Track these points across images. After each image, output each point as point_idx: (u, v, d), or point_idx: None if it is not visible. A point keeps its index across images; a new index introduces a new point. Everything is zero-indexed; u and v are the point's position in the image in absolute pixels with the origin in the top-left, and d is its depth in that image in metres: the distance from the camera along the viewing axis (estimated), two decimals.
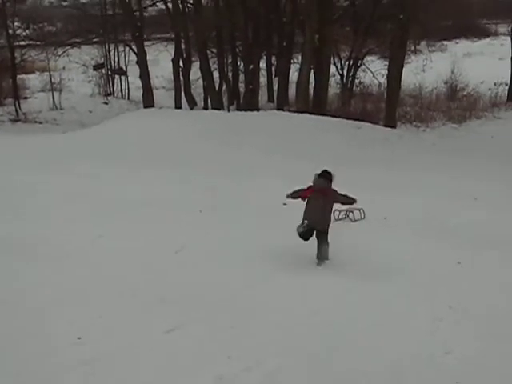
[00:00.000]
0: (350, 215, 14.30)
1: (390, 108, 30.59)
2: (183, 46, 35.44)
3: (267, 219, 13.41)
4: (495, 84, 40.79)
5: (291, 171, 19.46)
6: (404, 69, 31.85)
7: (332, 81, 35.52)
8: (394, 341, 7.98)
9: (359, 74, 36.40)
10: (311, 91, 30.83)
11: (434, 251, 11.36)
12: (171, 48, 36.17)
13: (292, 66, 36.41)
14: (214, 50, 36.30)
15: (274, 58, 39.36)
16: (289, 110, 30.53)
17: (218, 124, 25.42)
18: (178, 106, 34.16)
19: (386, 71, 32.04)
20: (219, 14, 34.45)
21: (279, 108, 32.03)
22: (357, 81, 36.49)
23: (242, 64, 34.86)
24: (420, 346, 7.85)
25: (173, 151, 21.81)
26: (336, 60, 35.19)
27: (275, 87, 36.55)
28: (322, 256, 10.68)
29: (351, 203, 11.29)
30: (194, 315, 8.47)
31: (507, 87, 38.43)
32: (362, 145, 25.10)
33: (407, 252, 11.37)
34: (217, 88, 34.82)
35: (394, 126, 29.91)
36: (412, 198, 15.63)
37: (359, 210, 14.10)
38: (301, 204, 11.01)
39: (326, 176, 10.87)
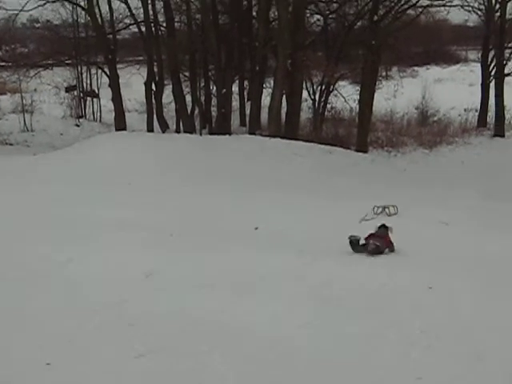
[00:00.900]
0: (386, 210, 17.39)
1: (362, 133, 30.79)
2: (156, 69, 35.52)
3: (239, 243, 13.37)
4: (465, 110, 41.34)
5: (263, 195, 19.50)
6: (375, 94, 32.21)
7: (304, 105, 35.71)
8: (364, 366, 7.96)
9: (331, 98, 36.64)
10: (283, 116, 30.96)
11: (407, 276, 11.38)
12: (144, 71, 36.22)
13: (264, 90, 36.52)
14: (187, 74, 36.37)
15: (246, 82, 39.52)
16: (261, 135, 30.57)
17: (190, 148, 25.41)
18: (150, 129, 34.17)
19: (358, 96, 32.27)
20: (192, 38, 34.58)
21: (251, 132, 32.03)
22: (329, 106, 36.72)
23: (214, 88, 34.93)
24: (391, 371, 7.84)
25: (144, 174, 21.77)
26: (308, 85, 35.42)
27: (247, 111, 36.61)
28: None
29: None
30: (164, 341, 8.41)
31: (477, 113, 38.86)
32: (334, 169, 25.20)
33: (378, 276, 11.38)
34: (189, 111, 34.88)
35: (365, 151, 30.10)
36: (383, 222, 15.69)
37: (394, 206, 17.47)
38: (273, 228, 11.01)
39: (385, 227, 13.54)
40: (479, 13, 39.04)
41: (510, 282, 11.33)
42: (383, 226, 13.60)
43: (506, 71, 36.51)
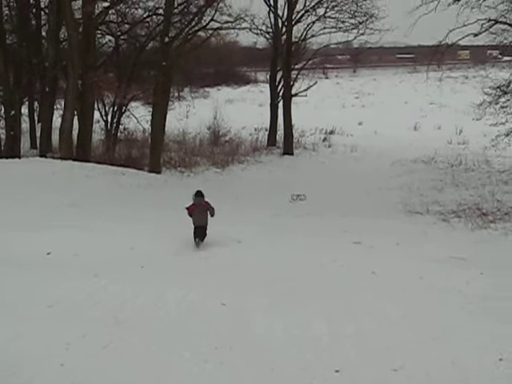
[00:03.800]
0: (299, 197, 25.32)
1: (155, 153, 30.85)
2: None
3: (30, 270, 13.02)
4: (256, 129, 42.63)
5: (56, 219, 19.11)
6: (168, 115, 32.39)
7: (96, 127, 35.43)
8: None
9: (124, 119, 36.50)
10: (75, 137, 30.51)
11: (200, 294, 11.55)
12: None
13: (55, 111, 35.86)
14: None
15: (36, 104, 38.66)
16: (52, 157, 29.94)
17: None
18: None
19: (151, 117, 32.37)
20: None
21: (42, 155, 31.31)
22: (121, 127, 36.57)
23: (2, 109, 33.86)
24: None
25: None
26: (100, 106, 35.15)
27: (38, 133, 35.77)
28: (201, 239, 15.57)
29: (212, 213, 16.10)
30: None
31: (267, 132, 40.11)
32: (127, 191, 25.11)
33: (173, 295, 11.49)
34: None
35: (158, 172, 30.19)
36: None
37: (303, 194, 25.35)
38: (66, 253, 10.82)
39: (201, 194, 16.18)
40: (267, 36, 40.47)
41: (301, 297, 11.80)
42: (198, 193, 16.23)
43: (292, 92, 38.02)
